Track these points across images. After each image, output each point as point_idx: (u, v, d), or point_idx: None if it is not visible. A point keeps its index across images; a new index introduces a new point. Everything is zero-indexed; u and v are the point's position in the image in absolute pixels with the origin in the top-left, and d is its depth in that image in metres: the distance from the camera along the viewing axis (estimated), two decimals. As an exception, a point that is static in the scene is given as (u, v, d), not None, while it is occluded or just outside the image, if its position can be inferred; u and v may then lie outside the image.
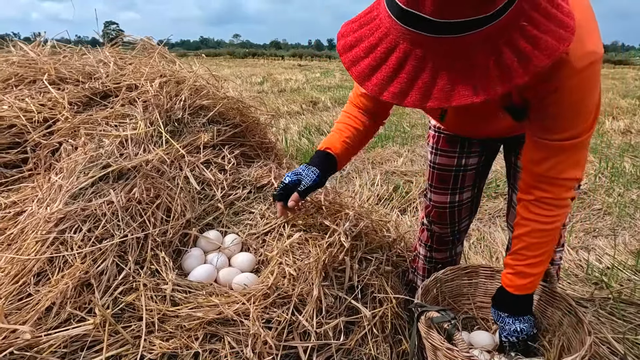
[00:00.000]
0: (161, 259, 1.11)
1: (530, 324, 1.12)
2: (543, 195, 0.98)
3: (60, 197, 1.07)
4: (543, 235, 1.02)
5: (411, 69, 0.70)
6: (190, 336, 0.97)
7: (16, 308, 0.91)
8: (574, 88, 0.84)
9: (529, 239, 1.03)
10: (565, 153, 0.93)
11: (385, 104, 1.24)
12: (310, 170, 1.21)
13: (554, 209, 0.99)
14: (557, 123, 0.90)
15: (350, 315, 1.15)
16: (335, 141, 1.24)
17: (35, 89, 1.44)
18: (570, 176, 0.95)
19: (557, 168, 0.95)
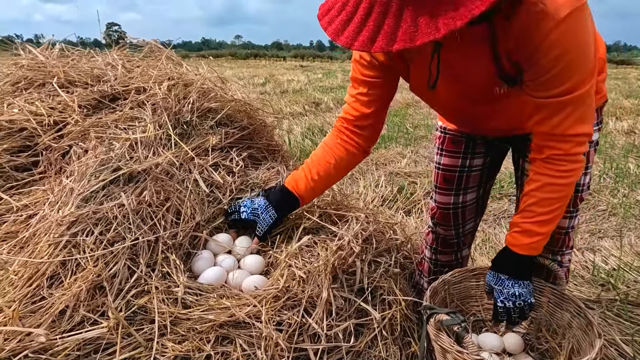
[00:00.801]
0: (172, 262, 1.11)
1: (529, 290, 1.09)
2: (554, 152, 0.97)
3: (72, 200, 1.08)
4: (555, 190, 1.00)
5: (377, 15, 0.74)
6: (202, 339, 0.97)
7: (30, 311, 0.91)
8: (561, 38, 0.84)
9: (540, 193, 1.01)
10: (567, 108, 0.92)
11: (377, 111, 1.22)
12: (269, 213, 1.27)
13: (566, 163, 0.98)
14: (551, 77, 0.89)
15: (360, 318, 1.16)
16: (300, 180, 1.26)
17: (44, 92, 1.45)
18: (578, 131, 0.94)
19: (562, 125, 0.94)
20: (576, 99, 0.91)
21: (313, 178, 1.25)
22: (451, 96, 1.13)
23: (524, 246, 1.05)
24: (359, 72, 1.19)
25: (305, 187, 1.26)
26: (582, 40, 0.86)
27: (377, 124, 1.25)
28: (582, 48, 0.86)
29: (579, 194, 1.23)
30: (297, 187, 1.26)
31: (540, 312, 1.33)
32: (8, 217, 1.17)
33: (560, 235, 1.28)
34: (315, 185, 1.26)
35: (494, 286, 1.11)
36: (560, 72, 0.88)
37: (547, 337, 1.30)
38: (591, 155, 1.22)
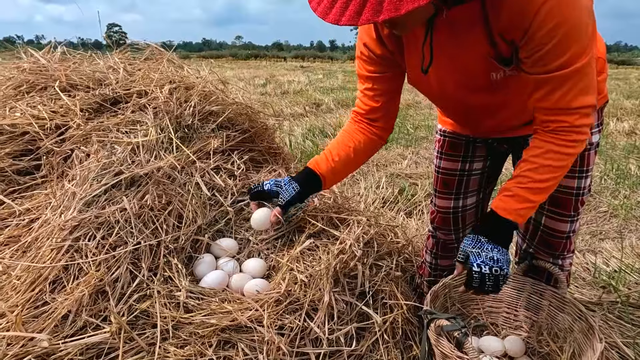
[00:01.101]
0: (174, 266, 1.11)
1: (506, 259, 1.04)
2: (559, 125, 0.96)
3: (74, 204, 1.08)
4: (558, 158, 0.97)
5: None
6: (204, 343, 0.97)
7: (33, 316, 0.92)
8: (554, 11, 0.84)
9: (541, 160, 0.99)
10: (568, 82, 0.91)
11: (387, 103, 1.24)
12: (292, 186, 1.25)
13: (572, 134, 0.96)
14: (548, 51, 0.89)
15: (361, 321, 1.16)
16: (322, 161, 1.26)
17: (46, 95, 1.46)
18: (582, 104, 0.93)
19: (565, 99, 0.93)
20: (576, 71, 0.90)
21: (334, 159, 1.25)
22: (448, 84, 1.12)
23: (512, 211, 1.01)
24: (363, 68, 1.21)
25: (326, 167, 1.25)
26: (576, 11, 0.85)
27: (388, 115, 1.27)
28: (576, 19, 0.86)
29: (579, 197, 1.23)
30: (318, 167, 1.25)
31: (541, 315, 1.33)
32: (10, 221, 1.17)
33: (561, 239, 1.28)
34: (336, 167, 1.26)
35: (471, 250, 1.05)
36: (557, 44, 0.87)
37: (548, 340, 1.30)
38: (592, 158, 1.21)
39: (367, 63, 1.19)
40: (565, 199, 1.22)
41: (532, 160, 1.00)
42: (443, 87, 1.13)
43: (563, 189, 1.21)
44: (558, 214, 1.25)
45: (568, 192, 1.21)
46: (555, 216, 1.25)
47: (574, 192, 1.21)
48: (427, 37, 1.01)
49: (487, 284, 1.02)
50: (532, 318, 1.36)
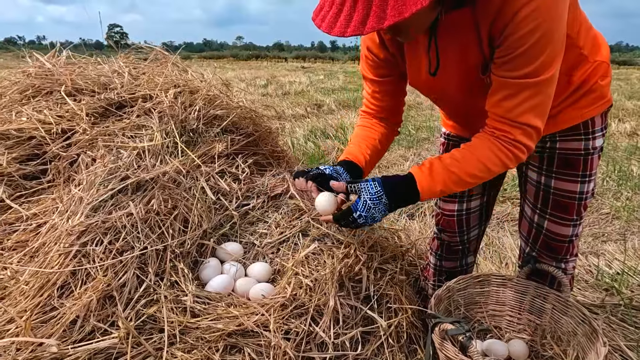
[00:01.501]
0: (180, 270, 1.12)
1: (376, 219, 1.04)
2: (503, 134, 0.99)
3: (82, 209, 1.09)
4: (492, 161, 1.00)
5: (364, 0, 0.77)
6: (210, 347, 0.98)
7: (42, 321, 0.92)
8: (532, 15, 0.85)
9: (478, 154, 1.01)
10: (524, 92, 0.93)
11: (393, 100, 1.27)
12: (344, 172, 1.22)
13: (511, 147, 0.99)
14: (518, 55, 0.90)
15: (366, 325, 1.17)
16: (359, 153, 1.26)
17: (52, 100, 1.46)
18: (528, 121, 0.96)
19: (516, 110, 0.95)
20: (536, 84, 0.92)
21: (366, 152, 1.26)
22: (448, 87, 1.14)
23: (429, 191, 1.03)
24: (368, 71, 1.24)
25: (364, 160, 1.25)
26: (554, 22, 0.87)
27: (396, 110, 1.31)
28: (552, 30, 0.88)
29: (582, 201, 1.23)
30: (358, 159, 1.25)
31: (545, 318, 1.34)
32: (18, 226, 1.18)
33: (563, 243, 1.29)
34: (369, 159, 1.27)
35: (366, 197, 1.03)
36: (528, 50, 0.89)
37: (551, 344, 1.31)
38: (595, 162, 1.21)
39: (372, 67, 1.21)
40: (568, 203, 1.22)
41: (470, 151, 1.03)
42: (443, 90, 1.15)
43: (566, 193, 1.22)
44: (560, 217, 1.25)
45: (571, 196, 1.22)
46: (558, 220, 1.26)
47: (577, 197, 1.21)
48: (431, 42, 1.03)
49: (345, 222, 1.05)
50: (535, 321, 1.37)
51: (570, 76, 1.08)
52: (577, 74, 1.09)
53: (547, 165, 1.22)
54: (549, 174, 1.22)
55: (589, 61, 1.09)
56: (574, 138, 1.17)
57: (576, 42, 1.04)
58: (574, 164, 1.18)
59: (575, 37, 1.03)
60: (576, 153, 1.17)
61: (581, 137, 1.16)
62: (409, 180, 1.05)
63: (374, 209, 1.03)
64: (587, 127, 1.15)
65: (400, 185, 1.05)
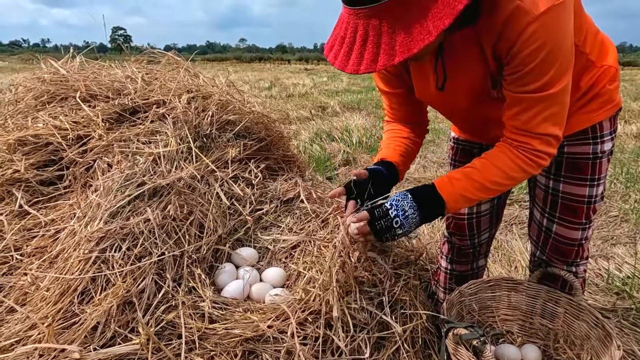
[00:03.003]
0: (197, 276, 1.13)
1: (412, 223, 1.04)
2: (523, 145, 1.00)
3: (100, 215, 1.10)
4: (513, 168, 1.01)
5: (373, 38, 0.82)
6: (229, 353, 0.99)
7: (63, 327, 0.93)
8: (537, 34, 0.86)
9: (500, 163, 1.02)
10: (540, 105, 0.94)
11: (414, 107, 1.29)
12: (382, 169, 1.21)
13: (531, 156, 1.00)
14: (528, 72, 0.92)
15: (382, 331, 1.17)
16: (393, 154, 1.27)
17: (67, 106, 1.48)
18: (546, 131, 0.97)
19: (533, 121, 0.96)
20: (549, 97, 0.93)
21: (401, 153, 1.28)
22: (455, 100, 1.15)
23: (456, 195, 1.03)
24: (382, 84, 1.27)
25: (398, 159, 1.26)
26: (560, 36, 0.88)
27: (419, 113, 1.33)
28: (559, 44, 0.89)
29: (591, 205, 1.23)
30: (392, 158, 1.26)
31: (557, 323, 1.34)
32: (36, 232, 1.19)
33: (573, 246, 1.29)
34: (405, 159, 1.29)
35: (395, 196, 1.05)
36: (537, 67, 0.90)
37: (565, 348, 1.31)
38: (604, 166, 1.21)
39: (384, 81, 1.26)
40: (576, 207, 1.23)
41: (490, 160, 1.04)
42: (451, 103, 1.17)
43: (574, 197, 1.22)
44: (569, 221, 1.25)
45: (579, 199, 1.22)
46: (567, 224, 1.26)
47: (585, 200, 1.22)
48: (438, 60, 1.06)
49: (381, 222, 1.03)
50: (547, 326, 1.37)
51: (577, 81, 1.09)
52: (585, 79, 1.10)
53: (556, 169, 1.22)
54: (558, 178, 1.23)
55: (596, 66, 1.10)
56: (582, 142, 1.17)
57: (582, 49, 1.05)
58: (583, 168, 1.19)
59: (582, 45, 1.04)
60: (584, 157, 1.18)
61: (589, 141, 1.17)
62: (430, 186, 1.07)
63: (401, 199, 1.04)
64: (596, 131, 1.16)
65: (424, 187, 1.07)
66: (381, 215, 1.04)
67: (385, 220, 1.03)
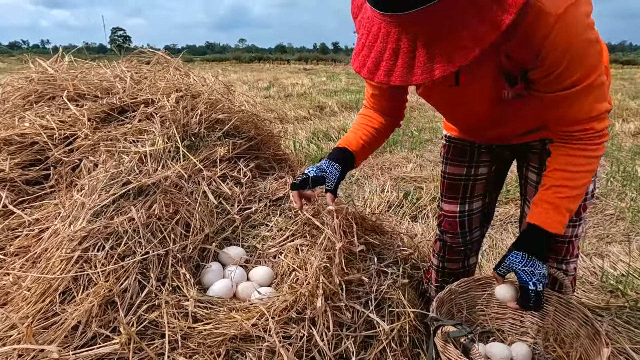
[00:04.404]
0: (182, 275, 1.12)
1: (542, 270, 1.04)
2: (585, 133, 0.99)
3: (83, 214, 1.09)
4: (589, 162, 1.00)
5: (407, 49, 0.79)
6: (212, 352, 0.98)
7: (43, 327, 0.93)
8: (563, 33, 0.86)
9: (575, 167, 1.01)
10: (583, 95, 0.94)
11: (395, 97, 1.29)
12: (334, 166, 1.25)
13: (596, 138, 0.99)
14: (561, 72, 0.91)
15: (369, 330, 1.16)
16: (352, 139, 1.29)
17: (54, 105, 1.47)
18: (599, 111, 0.96)
19: (583, 110, 0.96)
20: (589, 85, 0.93)
21: (363, 138, 1.29)
22: (459, 100, 1.15)
23: (557, 223, 1.02)
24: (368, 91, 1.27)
25: (357, 145, 1.28)
26: (583, 31, 0.88)
27: (399, 107, 1.33)
28: (584, 38, 0.88)
29: (583, 202, 1.23)
30: (351, 145, 1.29)
31: (547, 321, 1.33)
32: (20, 231, 1.18)
33: (563, 243, 1.28)
34: (365, 145, 1.30)
35: (522, 268, 1.04)
36: (569, 65, 0.90)
37: (554, 346, 1.30)
38: None
39: None
40: None
41: (566, 168, 1.02)
42: (455, 102, 1.17)
43: None
44: None
45: None
46: None
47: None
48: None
49: (542, 300, 1.04)
50: (538, 324, 1.36)
51: None
52: None
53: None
54: None
55: None
56: None
57: None
58: None
59: None
60: None
61: None
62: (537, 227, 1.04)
63: (532, 268, 1.04)
64: None
65: (532, 234, 1.05)
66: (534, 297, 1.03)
67: (542, 295, 1.04)
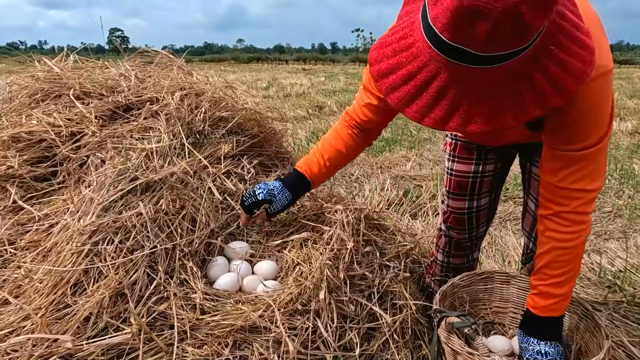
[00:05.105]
0: (189, 269, 1.14)
1: (557, 351, 1.07)
2: (561, 209, 0.99)
3: (93, 209, 1.12)
4: (563, 253, 1.02)
5: (452, 97, 0.74)
6: (220, 343, 1.00)
7: (56, 318, 0.95)
8: (586, 99, 0.87)
9: (548, 257, 1.03)
10: (581, 162, 0.95)
11: (385, 118, 1.25)
12: (284, 194, 1.27)
13: (572, 224, 0.99)
14: (571, 133, 0.92)
15: (372, 322, 1.19)
16: (314, 164, 1.29)
17: (61, 103, 1.49)
18: (588, 187, 0.96)
19: (570, 178, 0.96)
20: (589, 155, 0.94)
21: (325, 164, 1.28)
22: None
23: (544, 308, 1.06)
24: (373, 85, 1.19)
25: (318, 171, 1.28)
26: (605, 100, 0.90)
27: (382, 126, 1.30)
28: (604, 108, 0.90)
29: None
30: (310, 171, 1.28)
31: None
32: (30, 226, 1.21)
33: None
34: (327, 171, 1.30)
35: (521, 345, 1.11)
36: (582, 127, 0.91)
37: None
38: None
39: None
40: None
41: (542, 257, 1.05)
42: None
43: None
44: None
45: None
46: None
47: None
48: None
49: None
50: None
51: None
52: None
53: None
54: None
55: None
56: None
57: None
58: None
59: None
60: None
61: None
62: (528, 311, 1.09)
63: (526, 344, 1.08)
64: None
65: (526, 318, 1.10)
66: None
67: None
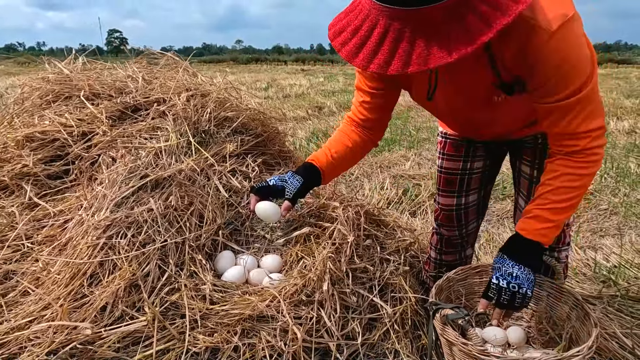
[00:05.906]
0: (198, 262, 1.20)
1: (528, 279, 1.06)
2: (572, 148, 1.02)
3: (106, 205, 1.17)
4: (572, 179, 1.02)
5: (391, 40, 0.80)
6: (229, 331, 1.05)
7: (74, 307, 1.00)
8: (556, 49, 0.90)
9: (556, 182, 1.04)
10: (574, 109, 0.97)
11: (383, 115, 1.30)
12: (295, 179, 1.29)
13: (584, 156, 1.01)
14: (553, 85, 0.95)
15: (373, 312, 1.24)
16: (320, 156, 1.31)
17: (72, 104, 1.55)
18: (589, 128, 0.99)
19: (572, 124, 0.99)
20: (582, 99, 0.96)
21: (332, 156, 1.30)
22: (451, 106, 1.20)
23: (534, 231, 1.06)
24: (363, 83, 1.26)
25: (326, 162, 1.30)
26: (576, 47, 0.93)
27: (382, 123, 1.34)
28: (577, 54, 0.93)
29: None
30: (318, 161, 1.31)
31: (541, 305, 1.40)
32: (46, 222, 1.26)
33: None
34: (335, 162, 1.31)
35: (495, 265, 1.10)
36: (562, 79, 0.94)
37: (547, 328, 1.37)
38: None
39: (368, 79, 1.24)
40: None
41: (549, 183, 1.06)
42: (448, 107, 1.21)
43: None
44: None
45: None
46: None
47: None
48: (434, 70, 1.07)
49: (502, 297, 1.06)
50: (532, 308, 1.43)
51: None
52: None
53: (539, 159, 1.29)
54: (541, 167, 1.29)
55: None
56: None
57: None
58: None
59: None
60: None
61: None
62: (516, 237, 1.09)
63: (500, 265, 1.08)
64: None
65: (511, 240, 1.11)
66: (496, 291, 1.07)
67: (504, 293, 1.05)
